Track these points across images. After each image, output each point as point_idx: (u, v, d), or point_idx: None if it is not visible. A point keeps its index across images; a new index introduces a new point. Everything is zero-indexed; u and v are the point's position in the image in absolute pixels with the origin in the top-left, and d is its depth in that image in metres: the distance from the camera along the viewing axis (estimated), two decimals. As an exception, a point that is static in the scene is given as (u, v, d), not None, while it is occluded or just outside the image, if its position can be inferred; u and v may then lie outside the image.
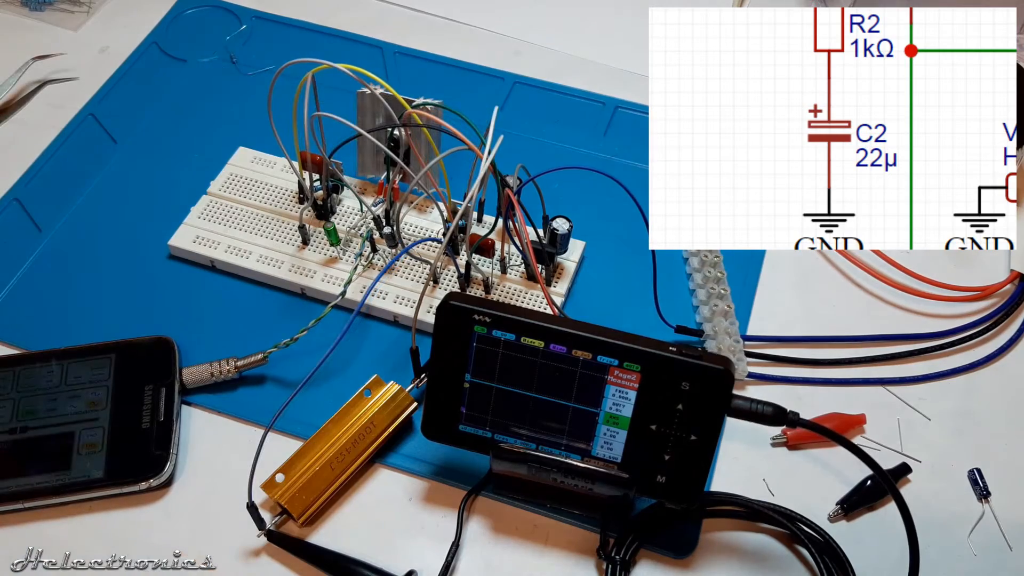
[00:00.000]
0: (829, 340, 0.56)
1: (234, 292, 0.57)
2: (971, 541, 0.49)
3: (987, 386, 0.55)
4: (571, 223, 0.54)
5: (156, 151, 0.64)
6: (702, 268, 0.57)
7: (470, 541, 0.48)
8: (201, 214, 0.58)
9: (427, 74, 0.70)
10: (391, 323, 0.55)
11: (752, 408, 0.44)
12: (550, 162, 0.52)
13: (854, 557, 0.46)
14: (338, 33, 0.72)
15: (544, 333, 0.43)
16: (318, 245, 0.57)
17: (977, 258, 0.60)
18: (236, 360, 0.52)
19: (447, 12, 0.74)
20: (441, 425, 0.46)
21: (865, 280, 0.59)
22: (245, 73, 0.69)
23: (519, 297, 0.55)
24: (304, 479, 0.47)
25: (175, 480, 0.49)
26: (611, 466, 0.45)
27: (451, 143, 0.49)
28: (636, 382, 0.43)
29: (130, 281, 0.57)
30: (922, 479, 0.51)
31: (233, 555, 0.47)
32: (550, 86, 0.69)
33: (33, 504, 0.47)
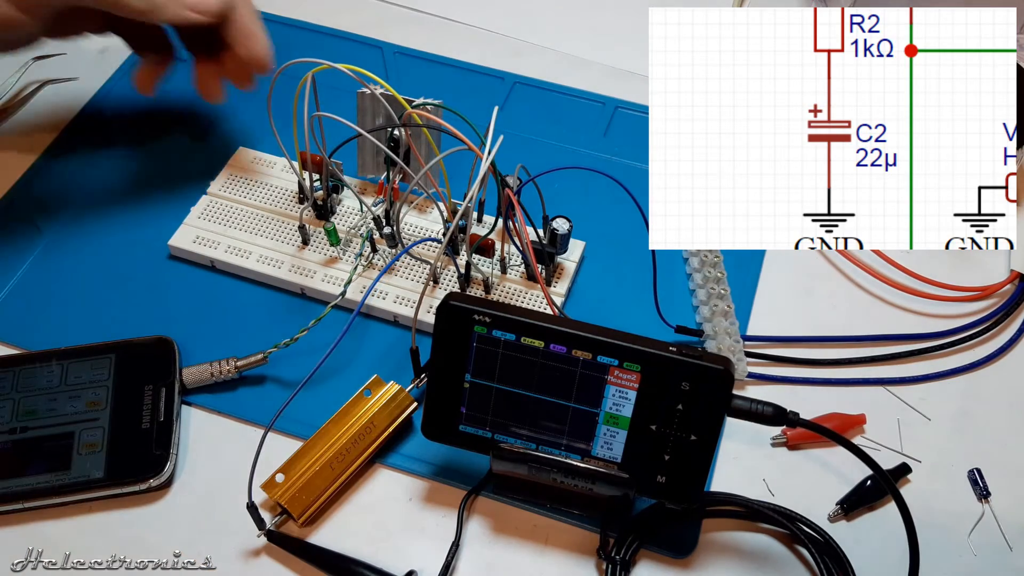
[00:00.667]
0: (829, 340, 0.56)
1: (234, 292, 0.57)
2: (971, 541, 0.49)
3: (987, 386, 0.55)
4: (571, 223, 0.54)
5: (156, 151, 0.64)
6: (702, 268, 0.57)
7: (470, 541, 0.48)
8: (201, 214, 0.58)
9: (427, 74, 0.70)
10: (391, 323, 0.55)
11: (752, 408, 0.44)
12: (550, 162, 0.52)
13: (854, 557, 0.46)
14: (338, 33, 0.72)
15: (544, 333, 0.43)
16: (318, 245, 0.57)
17: (977, 258, 0.60)
18: (236, 360, 0.52)
19: (447, 12, 0.74)
20: (441, 425, 0.46)
21: (865, 280, 0.59)
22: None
23: (519, 297, 0.55)
24: (304, 479, 0.47)
25: (175, 480, 0.49)
26: (611, 466, 0.45)
27: (451, 143, 0.49)
28: (636, 382, 0.43)
29: (130, 281, 0.57)
30: (922, 479, 0.51)
31: (233, 555, 0.47)
32: (550, 86, 0.69)
33: (33, 504, 0.47)
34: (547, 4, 0.75)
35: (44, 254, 0.58)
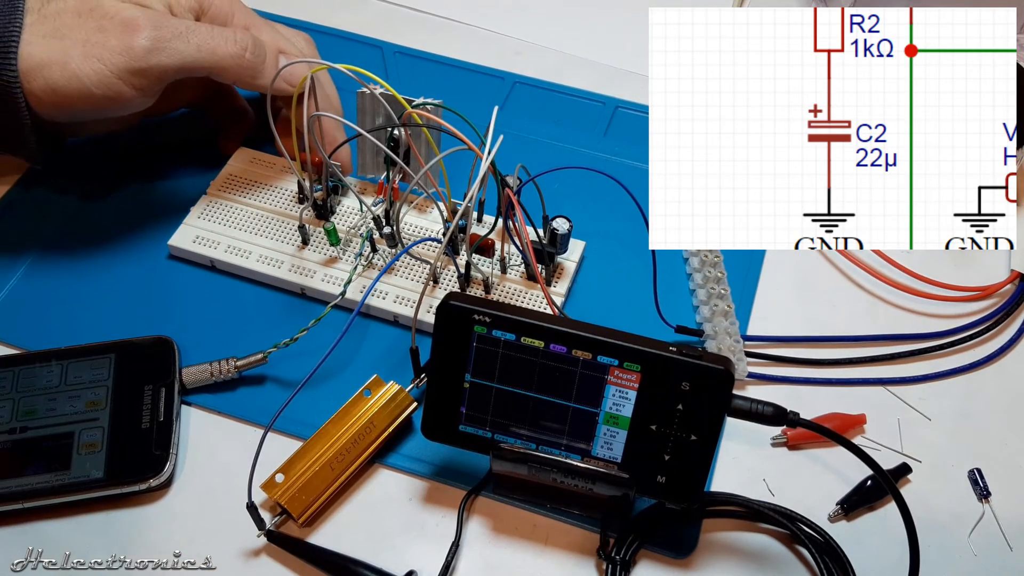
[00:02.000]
0: (829, 340, 0.56)
1: (234, 292, 0.57)
2: (971, 541, 0.49)
3: (987, 386, 0.55)
4: (571, 223, 0.54)
5: (156, 149, 0.64)
6: (702, 268, 0.57)
7: (470, 541, 0.48)
8: (201, 214, 0.58)
9: (427, 74, 0.70)
10: (391, 323, 0.55)
11: (752, 408, 0.44)
12: (550, 162, 0.52)
13: (854, 557, 0.46)
14: (338, 33, 0.72)
15: (544, 333, 0.43)
16: (318, 245, 0.57)
17: (977, 258, 0.60)
18: (236, 360, 0.52)
19: (447, 12, 0.74)
20: (441, 425, 0.46)
21: (865, 280, 0.59)
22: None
23: (519, 297, 0.55)
24: (304, 479, 0.47)
25: (175, 480, 0.49)
26: (611, 466, 0.45)
27: (451, 143, 0.49)
28: (636, 382, 0.43)
29: (130, 281, 0.57)
30: (922, 479, 0.51)
31: (233, 555, 0.47)
32: (550, 86, 0.69)
33: (33, 504, 0.47)
34: (547, 4, 0.75)
35: (43, 254, 0.58)
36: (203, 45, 0.50)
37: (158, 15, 0.50)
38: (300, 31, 0.60)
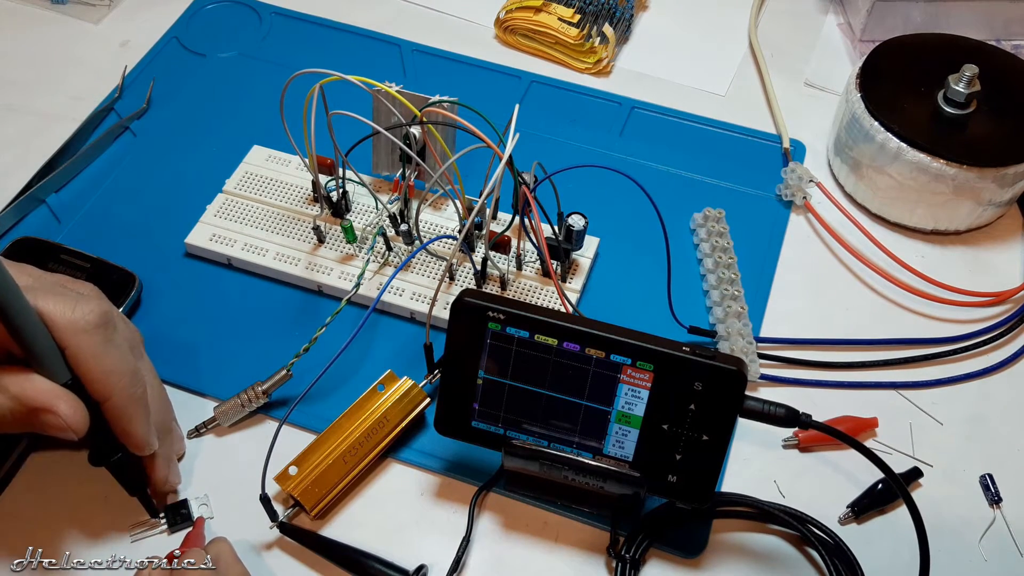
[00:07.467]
0: (842, 343, 0.56)
1: (251, 290, 0.57)
2: (982, 546, 0.49)
3: (1000, 392, 0.55)
4: (586, 219, 0.54)
5: (174, 147, 0.64)
6: (716, 269, 0.57)
7: (480, 537, 0.48)
8: (217, 212, 0.58)
9: (444, 72, 0.70)
10: (407, 319, 0.56)
11: (764, 409, 0.44)
12: (565, 161, 0.52)
13: (864, 560, 0.46)
14: (356, 30, 0.72)
15: (558, 331, 0.44)
16: (334, 243, 0.57)
17: (991, 263, 0.60)
18: (262, 384, 0.51)
19: (464, 13, 0.74)
20: (454, 421, 0.47)
21: (879, 283, 0.59)
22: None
23: (534, 293, 0.56)
24: (317, 472, 0.48)
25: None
26: (622, 465, 0.45)
27: (466, 141, 0.50)
28: (649, 381, 0.43)
29: (146, 278, 0.57)
30: (933, 484, 0.51)
31: (245, 547, 0.47)
32: (567, 86, 0.69)
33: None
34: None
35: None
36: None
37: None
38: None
